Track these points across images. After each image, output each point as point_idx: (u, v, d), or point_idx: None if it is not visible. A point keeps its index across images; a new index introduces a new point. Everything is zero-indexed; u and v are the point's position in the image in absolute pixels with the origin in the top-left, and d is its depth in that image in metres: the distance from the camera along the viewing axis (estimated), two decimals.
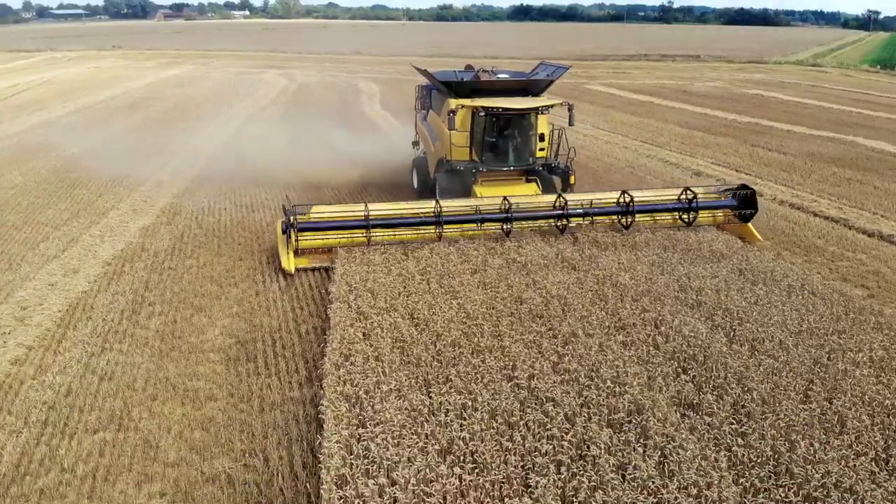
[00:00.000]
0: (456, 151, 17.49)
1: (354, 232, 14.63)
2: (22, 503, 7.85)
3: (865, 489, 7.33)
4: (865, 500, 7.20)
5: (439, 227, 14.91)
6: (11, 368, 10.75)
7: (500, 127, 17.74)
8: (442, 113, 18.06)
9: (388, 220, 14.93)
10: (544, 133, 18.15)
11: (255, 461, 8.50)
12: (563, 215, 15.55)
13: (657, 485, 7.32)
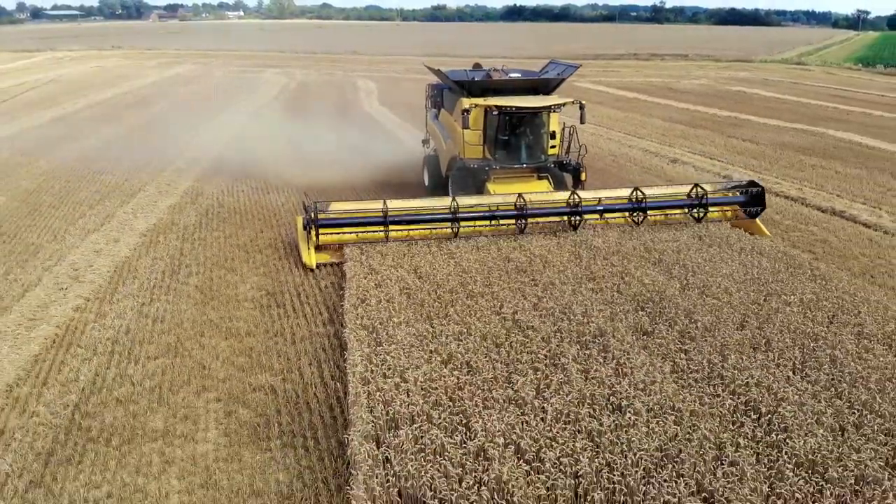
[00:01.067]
0: (469, 149, 17.69)
1: (373, 228, 14.90)
2: (100, 406, 9.77)
3: (781, 387, 9.32)
4: (779, 394, 9.17)
5: (455, 224, 15.21)
6: (74, 314, 12.70)
7: (512, 125, 17.80)
8: (455, 112, 18.31)
9: (406, 217, 15.13)
10: (556, 131, 18.30)
11: (291, 376, 10.49)
12: (576, 212, 15.77)
13: (612, 382, 9.32)
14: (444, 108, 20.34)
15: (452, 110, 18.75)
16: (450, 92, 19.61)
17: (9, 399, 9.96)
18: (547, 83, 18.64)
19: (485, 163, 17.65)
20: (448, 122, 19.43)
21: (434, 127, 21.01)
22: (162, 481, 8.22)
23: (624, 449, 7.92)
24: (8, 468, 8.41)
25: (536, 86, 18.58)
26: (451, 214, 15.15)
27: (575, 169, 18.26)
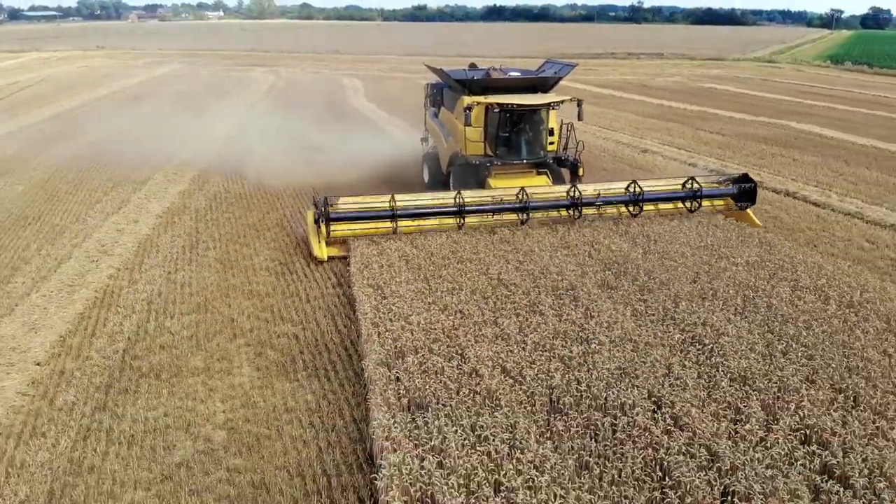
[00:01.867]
0: (471, 146, 18.05)
1: (381, 222, 15.39)
2: (146, 351, 11.42)
3: (723, 325, 11.16)
4: (721, 331, 11.01)
5: (461, 218, 15.78)
6: (109, 281, 14.32)
7: (512, 122, 18.14)
8: (456, 110, 18.60)
9: (413, 211, 15.64)
10: (554, 128, 18.69)
11: (310, 325, 12.21)
12: (576, 205, 16.39)
13: (581, 322, 11.15)
14: (444, 106, 20.65)
15: (453, 108, 19.10)
16: (450, 91, 19.97)
17: (63, 347, 11.58)
18: (545, 81, 19.10)
19: (486, 159, 18.05)
20: (449, 120, 19.80)
21: (434, 125, 21.38)
22: (208, 404, 9.90)
23: (589, 368, 9.74)
24: (73, 398, 10.05)
25: (535, 84, 19.02)
26: (456, 208, 15.69)
27: (573, 164, 18.66)
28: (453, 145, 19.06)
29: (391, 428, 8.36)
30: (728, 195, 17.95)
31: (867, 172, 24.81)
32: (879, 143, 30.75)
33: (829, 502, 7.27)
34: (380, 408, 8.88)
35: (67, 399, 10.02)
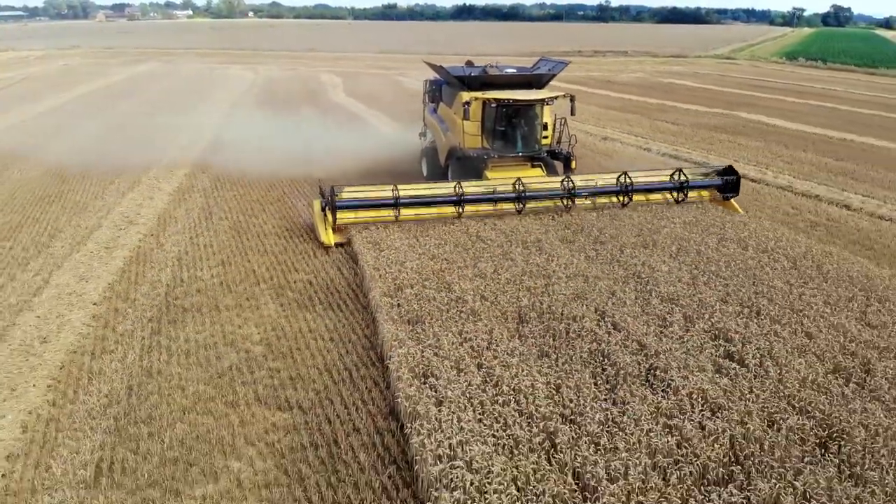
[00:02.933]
0: (469, 139, 18.65)
1: (384, 210, 16.19)
2: (184, 294, 13.69)
3: (658, 266, 13.74)
4: (656, 269, 13.58)
5: (460, 207, 16.56)
6: (140, 243, 16.54)
7: (509, 117, 18.81)
8: (454, 105, 19.33)
9: (415, 200, 16.37)
10: (548, 122, 19.36)
11: (320, 274, 14.60)
12: (570, 195, 17.27)
13: (544, 264, 13.70)
14: (442, 102, 21.28)
15: (452, 104, 19.80)
16: (448, 87, 20.61)
17: (112, 292, 13.82)
18: (539, 78, 19.79)
19: (483, 152, 18.67)
20: (447, 115, 20.45)
21: (432, 120, 22.00)
22: (244, 329, 12.25)
23: (550, 294, 12.28)
24: (130, 327, 12.33)
25: (530, 80, 19.57)
26: (456, 198, 16.51)
27: (566, 157, 19.51)
28: (452, 139, 19.75)
29: (397, 334, 10.83)
30: (712, 186, 18.89)
31: (803, 154, 27.77)
32: (819, 130, 33.86)
33: (727, 374, 9.84)
34: (386, 322, 11.34)
35: (126, 328, 12.29)
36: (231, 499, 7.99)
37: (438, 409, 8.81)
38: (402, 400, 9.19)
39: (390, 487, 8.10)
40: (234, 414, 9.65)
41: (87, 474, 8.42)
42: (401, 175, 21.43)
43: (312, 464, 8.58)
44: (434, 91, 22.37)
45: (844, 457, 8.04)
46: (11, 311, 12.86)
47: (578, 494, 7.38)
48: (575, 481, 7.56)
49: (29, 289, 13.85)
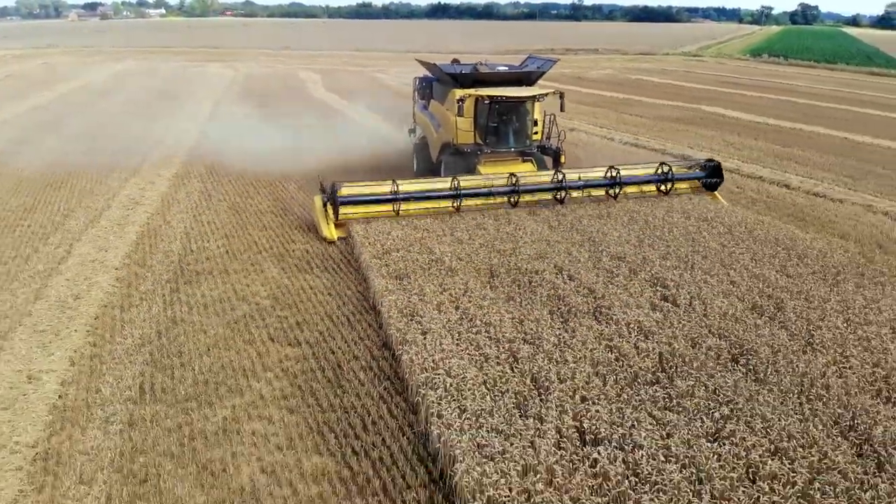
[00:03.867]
0: (462, 135, 19.11)
1: (384, 205, 16.67)
2: (195, 261, 15.47)
3: (611, 232, 15.77)
4: (608, 234, 15.61)
5: (458, 201, 17.06)
6: (148, 221, 18.24)
7: (500, 113, 19.33)
8: (447, 101, 19.82)
9: (414, 195, 16.84)
10: (538, 118, 20.05)
11: (315, 244, 16.46)
12: (562, 188, 17.83)
13: (513, 233, 15.68)
14: (433, 99, 21.74)
15: (444, 101, 20.26)
16: (439, 84, 21.10)
17: (130, 260, 15.54)
18: (529, 75, 20.36)
19: (477, 147, 19.21)
20: (439, 112, 20.80)
21: (423, 117, 22.43)
22: (252, 287, 14.07)
23: (517, 255, 14.27)
24: (151, 286, 14.09)
25: (520, 78, 20.20)
26: (453, 192, 17.08)
27: (555, 152, 20.19)
28: (444, 135, 20.15)
29: (386, 286, 12.76)
30: (695, 178, 19.69)
31: (754, 142, 30.10)
32: (772, 121, 36.30)
33: (661, 310, 11.88)
34: (377, 278, 13.26)
35: (147, 287, 14.07)
36: (256, 407, 9.85)
37: (423, 337, 10.75)
38: (393, 332, 11.12)
39: (385, 394, 10.02)
40: (252, 349, 11.51)
41: (132, 394, 10.22)
42: (383, 162, 23.39)
43: (321, 382, 10.47)
44: (425, 88, 22.74)
45: (751, 367, 10.08)
46: (42, 275, 14.56)
47: (535, 391, 9.33)
48: (532, 383, 9.52)
49: (54, 258, 15.53)
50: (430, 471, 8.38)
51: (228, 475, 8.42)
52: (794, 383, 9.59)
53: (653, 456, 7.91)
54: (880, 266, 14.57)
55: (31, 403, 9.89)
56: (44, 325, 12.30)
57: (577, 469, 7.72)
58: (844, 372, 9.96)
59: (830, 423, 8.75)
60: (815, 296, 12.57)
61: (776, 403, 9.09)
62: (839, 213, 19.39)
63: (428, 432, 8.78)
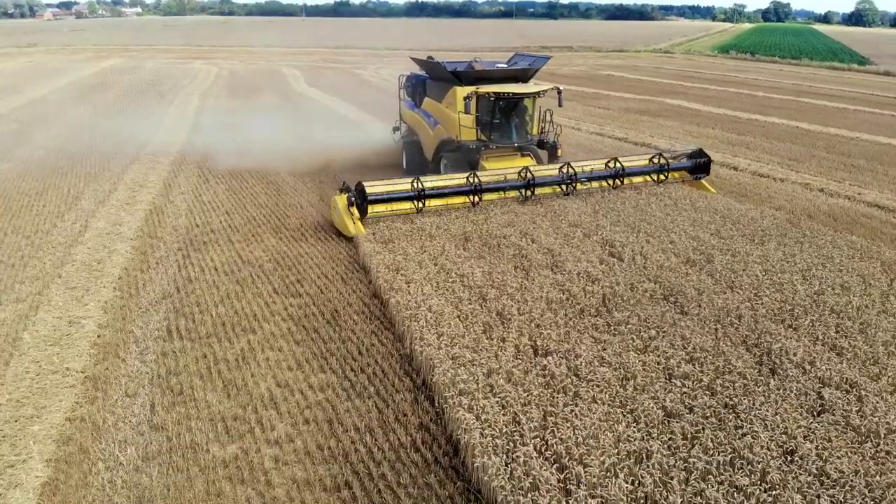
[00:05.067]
0: (465, 132, 19.22)
1: (408, 203, 16.89)
2: (201, 233, 17.31)
3: (590, 216, 17.84)
4: (591, 217, 17.68)
5: (477, 195, 17.49)
6: (154, 200, 20.04)
7: (503, 109, 19.79)
8: (446, 99, 20.03)
9: (436, 192, 17.03)
10: (536, 114, 20.59)
11: (309, 217, 18.38)
12: (573, 180, 18.60)
13: (485, 207, 17.70)
14: (427, 97, 21.79)
15: (442, 98, 20.44)
16: (434, 82, 21.18)
17: (142, 232, 17.34)
18: (525, 72, 20.67)
19: (481, 143, 19.43)
20: (436, 109, 20.96)
21: (415, 115, 22.62)
22: (255, 253, 15.95)
23: (488, 225, 16.28)
24: (164, 253, 15.94)
25: (516, 75, 20.55)
26: (472, 187, 17.39)
27: (552, 146, 20.65)
28: (442, 132, 20.37)
29: (374, 248, 14.73)
30: (685, 168, 20.69)
31: (710, 131, 32.40)
32: (731, 112, 38.68)
33: (607, 263, 13.95)
34: (365, 243, 15.23)
35: (161, 254, 15.91)
36: (268, 341, 11.78)
37: (407, 286, 12.74)
38: (381, 283, 13.12)
39: (376, 330, 12.01)
40: (260, 299, 13.43)
41: (161, 333, 12.11)
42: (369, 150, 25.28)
43: (321, 322, 12.42)
44: (415, 87, 22.88)
45: (679, 303, 12.19)
46: (64, 245, 16.34)
47: (499, 321, 11.36)
48: (497, 316, 11.55)
49: (72, 232, 17.31)
50: (413, 380, 10.38)
51: (249, 388, 10.36)
52: (713, 314, 11.70)
53: (590, 362, 9.97)
54: (803, 230, 16.76)
55: (74, 341, 11.74)
56: (74, 283, 14.13)
57: (529, 371, 9.76)
58: (756, 306, 12.08)
59: (738, 341, 10.87)
60: (741, 251, 14.72)
61: (695, 328, 11.20)
62: (778, 190, 21.61)
63: (412, 352, 10.79)
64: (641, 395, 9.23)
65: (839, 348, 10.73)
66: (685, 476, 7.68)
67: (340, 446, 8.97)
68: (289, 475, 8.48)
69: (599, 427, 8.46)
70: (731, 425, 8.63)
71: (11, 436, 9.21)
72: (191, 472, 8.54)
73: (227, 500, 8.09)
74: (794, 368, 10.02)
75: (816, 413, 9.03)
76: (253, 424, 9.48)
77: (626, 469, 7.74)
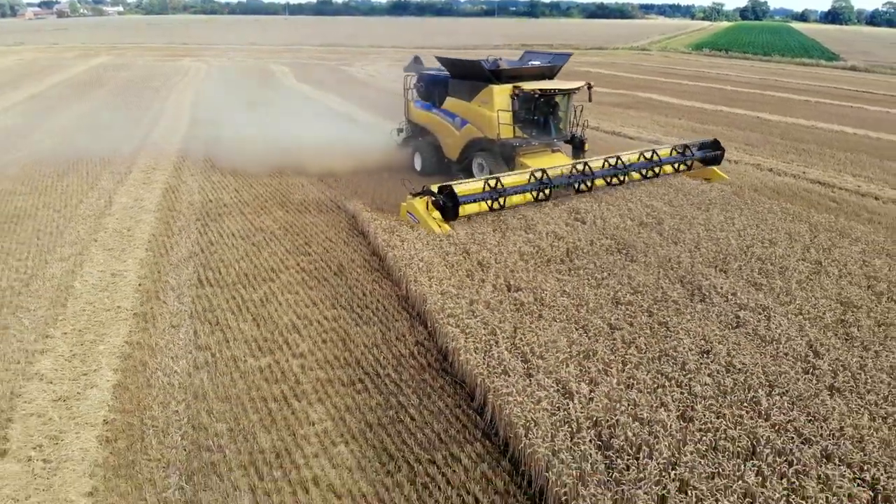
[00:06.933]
0: (504, 129, 19.24)
1: (487, 202, 16.75)
2: (215, 207, 19.44)
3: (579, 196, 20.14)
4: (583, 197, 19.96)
5: (545, 192, 17.61)
6: (168, 181, 22.12)
7: (544, 106, 20.01)
8: (478, 97, 19.97)
9: (511, 190, 17.08)
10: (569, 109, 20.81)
11: (311, 195, 20.56)
12: (621, 172, 19.27)
13: None
14: (450, 96, 21.54)
15: (471, 97, 20.36)
16: (462, 80, 20.88)
17: (162, 206, 19.44)
18: (552, 70, 21.06)
19: (521, 140, 19.66)
20: (464, 108, 20.82)
21: (432, 115, 22.42)
22: (265, 222, 18.10)
23: None
24: (185, 223, 18.06)
25: (544, 72, 20.87)
26: (540, 183, 17.54)
27: (580, 141, 21.14)
28: (473, 131, 20.36)
29: (372, 216, 16.96)
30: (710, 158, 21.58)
31: (677, 121, 34.88)
32: (698, 104, 41.24)
33: (571, 226, 16.25)
34: (363, 212, 17.46)
35: (182, 224, 18.03)
36: (285, 287, 13.98)
37: (402, 243, 15.00)
38: (379, 242, 15.37)
39: (377, 279, 14.26)
40: (275, 257, 15.63)
41: (193, 282, 14.28)
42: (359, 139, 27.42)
43: (329, 274, 14.64)
44: (431, 86, 22.74)
45: (629, 254, 14.51)
46: (94, 217, 18.41)
47: (479, 268, 13.64)
48: (477, 265, 13.83)
49: (98, 206, 19.36)
50: (409, 312, 12.67)
51: (275, 320, 12.58)
52: (657, 261, 14.06)
53: (553, 295, 12.28)
54: (746, 199, 19.17)
55: (119, 288, 13.89)
56: (110, 245, 16.26)
57: (503, 301, 12.06)
58: (695, 256, 14.44)
59: (676, 280, 13.22)
60: (687, 216, 17.10)
61: (641, 270, 13.55)
62: (731, 170, 24.02)
63: (407, 291, 13.06)
64: (592, 316, 11.55)
65: (759, 284, 13.11)
66: (622, 366, 10.00)
67: (353, 356, 11.22)
68: (313, 376, 10.72)
69: (557, 336, 10.77)
70: (661, 335, 10.96)
71: (81, 354, 11.36)
72: (234, 376, 10.75)
73: (265, 393, 10.31)
74: (718, 297, 12.38)
75: (732, 327, 11.38)
76: (281, 343, 11.70)
77: (576, 362, 10.05)
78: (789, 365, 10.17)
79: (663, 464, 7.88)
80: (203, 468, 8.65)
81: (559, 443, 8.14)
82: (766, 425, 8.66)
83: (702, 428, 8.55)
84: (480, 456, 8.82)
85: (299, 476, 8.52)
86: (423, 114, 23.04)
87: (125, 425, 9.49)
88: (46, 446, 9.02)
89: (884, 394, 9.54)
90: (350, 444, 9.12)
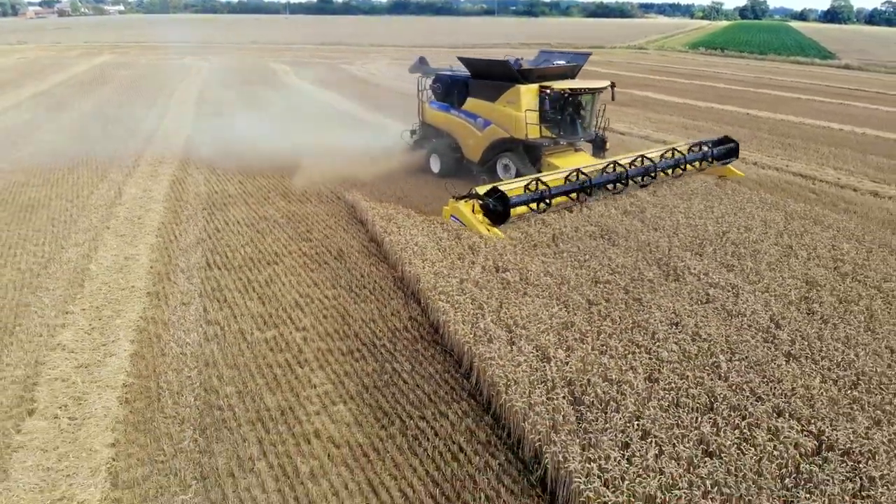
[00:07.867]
0: (531, 129, 19.23)
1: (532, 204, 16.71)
2: (220, 197, 20.37)
3: None
4: None
5: (586, 192, 17.63)
6: (175, 172, 22.98)
7: (568, 105, 20.01)
8: (503, 97, 19.85)
9: (556, 191, 17.00)
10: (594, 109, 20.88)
11: (311, 188, 21.49)
12: (651, 170, 19.36)
13: None
14: (472, 97, 21.27)
15: (495, 98, 20.21)
16: (484, 81, 20.67)
17: (170, 197, 20.36)
18: (573, 69, 21.12)
19: (549, 140, 19.66)
20: (487, 109, 20.60)
21: (451, 116, 22.05)
22: (269, 211, 19.02)
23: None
24: (192, 212, 19.01)
25: (565, 72, 20.85)
26: (581, 185, 17.51)
27: (602, 140, 21.45)
28: (497, 132, 20.23)
29: (371, 204, 17.89)
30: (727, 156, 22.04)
31: (669, 117, 35.79)
32: (691, 101, 42.15)
33: (560, 214, 17.17)
34: (361, 202, 18.38)
35: (190, 213, 18.95)
36: (288, 269, 14.90)
37: (398, 230, 15.92)
38: (377, 229, 16.30)
39: (374, 262, 15.20)
40: (279, 243, 16.56)
41: (202, 265, 15.20)
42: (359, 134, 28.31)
43: (329, 258, 15.57)
44: (449, 87, 22.29)
45: (611, 239, 15.43)
46: (105, 206, 19.33)
47: (470, 252, 14.56)
48: (469, 249, 14.75)
49: (109, 196, 20.28)
50: (404, 291, 13.61)
51: (279, 298, 13.51)
52: (636, 245, 15.00)
53: (538, 275, 13.21)
54: (726, 190, 20.09)
55: (133, 270, 14.82)
56: (122, 232, 17.18)
57: (491, 280, 12.99)
58: (672, 240, 15.36)
59: (653, 262, 14.15)
60: (669, 205, 18.02)
61: (621, 253, 14.48)
62: None
63: (403, 273, 13.99)
64: (572, 293, 12.49)
65: (731, 266, 14.04)
66: (597, 335, 10.93)
67: (351, 329, 12.17)
68: (314, 347, 11.65)
69: (539, 310, 11.71)
70: (634, 309, 11.90)
71: (100, 327, 12.29)
72: (241, 347, 11.69)
73: (271, 361, 11.24)
74: (691, 277, 13.32)
75: (702, 303, 12.31)
76: (285, 318, 12.64)
77: (555, 332, 10.98)
78: (751, 335, 11.09)
79: (628, 416, 8.79)
80: (215, 423, 9.58)
81: (535, 398, 9.06)
82: (724, 385, 9.58)
83: (665, 387, 9.47)
84: (465, 412, 9.75)
85: (302, 430, 9.45)
86: (440, 115, 22.61)
87: (143, 388, 10.41)
88: (71, 406, 9.94)
89: (837, 360, 10.45)
90: (348, 403, 10.06)
